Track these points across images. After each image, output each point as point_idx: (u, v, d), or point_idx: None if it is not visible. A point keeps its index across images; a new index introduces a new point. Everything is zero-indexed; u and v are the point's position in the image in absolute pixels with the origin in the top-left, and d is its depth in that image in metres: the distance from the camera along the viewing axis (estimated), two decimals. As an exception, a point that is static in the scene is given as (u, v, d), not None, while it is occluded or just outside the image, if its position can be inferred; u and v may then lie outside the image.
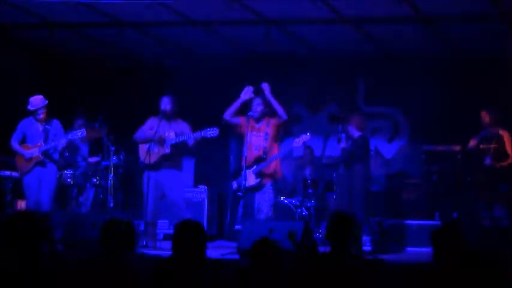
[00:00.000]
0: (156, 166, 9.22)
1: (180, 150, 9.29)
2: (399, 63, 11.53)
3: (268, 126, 9.36)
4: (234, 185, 9.46)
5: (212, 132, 9.05)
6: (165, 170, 9.23)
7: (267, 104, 9.36)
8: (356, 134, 9.47)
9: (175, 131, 9.25)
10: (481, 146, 9.78)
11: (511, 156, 9.63)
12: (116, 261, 4.54)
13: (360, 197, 9.28)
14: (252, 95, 9.36)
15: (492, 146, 9.68)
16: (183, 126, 9.31)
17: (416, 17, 9.66)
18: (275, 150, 9.43)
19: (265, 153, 9.31)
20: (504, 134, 9.75)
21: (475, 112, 10.25)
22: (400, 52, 11.31)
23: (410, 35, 10.30)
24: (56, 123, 9.47)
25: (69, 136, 9.50)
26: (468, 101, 10.72)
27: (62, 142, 9.35)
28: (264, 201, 9.27)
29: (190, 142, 9.17)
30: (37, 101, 9.26)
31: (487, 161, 9.62)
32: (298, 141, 9.46)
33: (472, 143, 9.88)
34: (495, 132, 9.76)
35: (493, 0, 8.93)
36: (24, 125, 9.41)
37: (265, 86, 9.36)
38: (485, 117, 9.83)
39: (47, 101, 9.30)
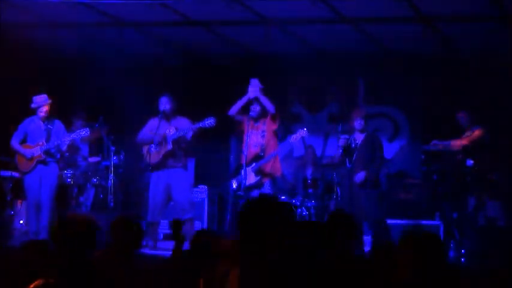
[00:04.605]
0: (159, 165, 9.22)
1: (181, 145, 9.27)
2: (399, 63, 11.53)
3: (264, 124, 9.42)
4: (234, 184, 9.46)
5: (209, 122, 9.06)
6: (169, 169, 9.22)
7: (258, 101, 9.39)
8: (362, 134, 9.44)
9: (176, 127, 9.26)
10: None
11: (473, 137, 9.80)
12: (125, 259, 4.56)
13: (374, 198, 9.25)
14: (259, 92, 9.37)
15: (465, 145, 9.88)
16: (183, 122, 9.33)
17: (416, 17, 9.66)
18: (273, 148, 9.44)
19: (262, 150, 9.32)
20: (477, 131, 9.89)
21: (476, 112, 10.26)
22: (400, 52, 11.31)
23: (410, 35, 10.29)
24: (58, 124, 9.52)
25: (73, 135, 9.55)
26: (468, 101, 10.71)
27: (66, 141, 9.39)
28: (261, 201, 9.26)
29: (189, 135, 9.17)
30: (40, 99, 9.39)
31: (469, 163, 9.70)
32: (296, 137, 9.45)
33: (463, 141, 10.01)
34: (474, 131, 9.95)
35: (493, 0, 8.93)
36: (27, 124, 9.45)
37: (254, 82, 9.38)
38: (462, 118, 10.02)
39: (50, 100, 9.35)
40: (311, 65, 11.74)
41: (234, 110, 9.52)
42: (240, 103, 9.50)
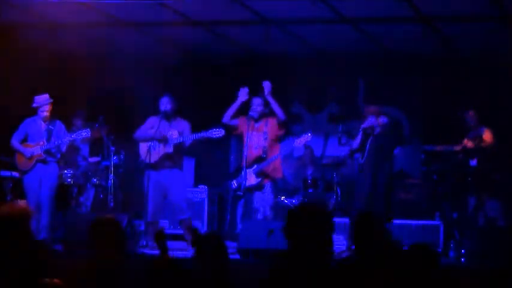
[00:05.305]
0: (157, 165, 9.22)
1: (181, 149, 9.30)
2: (399, 63, 11.54)
3: (267, 126, 9.37)
4: (234, 184, 9.46)
5: (217, 132, 9.04)
6: (166, 169, 9.24)
7: (266, 104, 9.35)
8: (381, 119, 9.17)
9: (178, 130, 9.26)
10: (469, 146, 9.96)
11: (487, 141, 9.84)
12: (107, 263, 4.46)
13: (386, 196, 9.07)
14: (247, 97, 9.35)
15: (477, 145, 9.87)
16: (184, 125, 9.32)
17: (416, 17, 9.66)
18: (275, 150, 9.43)
19: (265, 152, 9.31)
20: (486, 131, 9.91)
21: (476, 112, 10.27)
22: (400, 52, 11.31)
23: (410, 35, 10.30)
24: (59, 124, 9.52)
25: (74, 136, 9.55)
26: (468, 101, 10.72)
27: (67, 141, 9.40)
28: (262, 201, 9.28)
29: (189, 142, 9.17)
30: (42, 98, 9.38)
31: (473, 163, 9.71)
32: (300, 142, 9.42)
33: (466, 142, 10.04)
34: (481, 132, 9.96)
35: (493, 0, 8.94)
36: (28, 124, 9.44)
37: (266, 85, 9.33)
38: (469, 118, 10.03)
39: (51, 100, 9.36)
40: (311, 65, 11.75)
41: (227, 117, 9.42)
42: (231, 109, 9.42)
